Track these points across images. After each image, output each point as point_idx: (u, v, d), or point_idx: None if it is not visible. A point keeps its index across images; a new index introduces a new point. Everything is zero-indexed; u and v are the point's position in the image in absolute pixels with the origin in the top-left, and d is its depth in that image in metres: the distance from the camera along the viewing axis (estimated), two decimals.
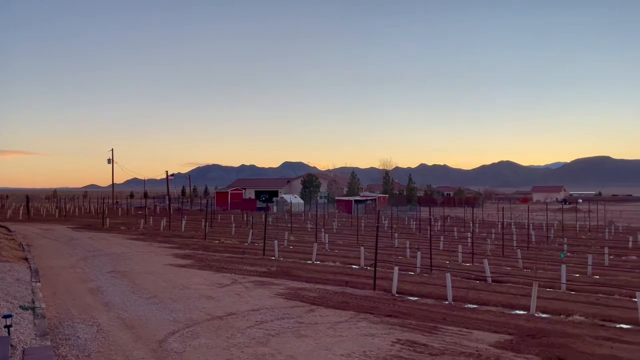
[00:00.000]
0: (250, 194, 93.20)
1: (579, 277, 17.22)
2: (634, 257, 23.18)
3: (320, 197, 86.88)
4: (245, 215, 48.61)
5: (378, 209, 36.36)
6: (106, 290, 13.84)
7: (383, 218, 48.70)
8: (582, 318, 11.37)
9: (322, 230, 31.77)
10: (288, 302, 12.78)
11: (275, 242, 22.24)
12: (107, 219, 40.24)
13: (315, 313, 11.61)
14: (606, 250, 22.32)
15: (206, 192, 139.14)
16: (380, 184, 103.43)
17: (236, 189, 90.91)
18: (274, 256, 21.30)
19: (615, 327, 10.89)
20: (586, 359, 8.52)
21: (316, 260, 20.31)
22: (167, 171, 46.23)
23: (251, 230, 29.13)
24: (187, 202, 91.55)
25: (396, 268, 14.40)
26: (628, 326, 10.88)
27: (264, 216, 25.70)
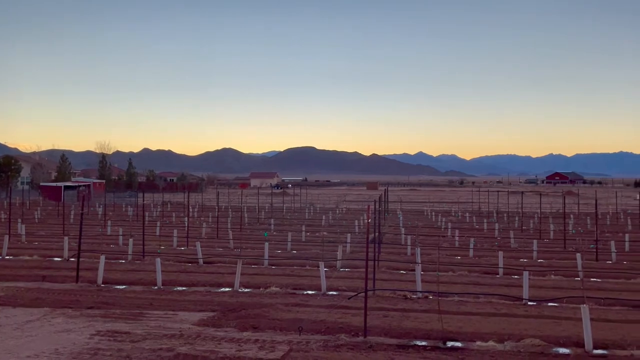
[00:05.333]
0: None
1: (280, 252, 19.31)
2: (325, 233, 27.20)
3: (22, 183, 75.46)
4: None
5: (84, 194, 33.56)
6: None
7: (97, 205, 45.34)
8: (278, 289, 12.82)
9: (20, 220, 27.60)
10: None
11: None
12: None
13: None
14: (304, 228, 25.61)
15: None
16: (97, 168, 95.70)
17: None
18: None
19: (303, 293, 12.63)
20: (276, 324, 9.65)
21: (7, 255, 17.61)
22: None
23: None
24: None
25: (102, 257, 13.59)
26: (313, 292, 12.75)
27: None
